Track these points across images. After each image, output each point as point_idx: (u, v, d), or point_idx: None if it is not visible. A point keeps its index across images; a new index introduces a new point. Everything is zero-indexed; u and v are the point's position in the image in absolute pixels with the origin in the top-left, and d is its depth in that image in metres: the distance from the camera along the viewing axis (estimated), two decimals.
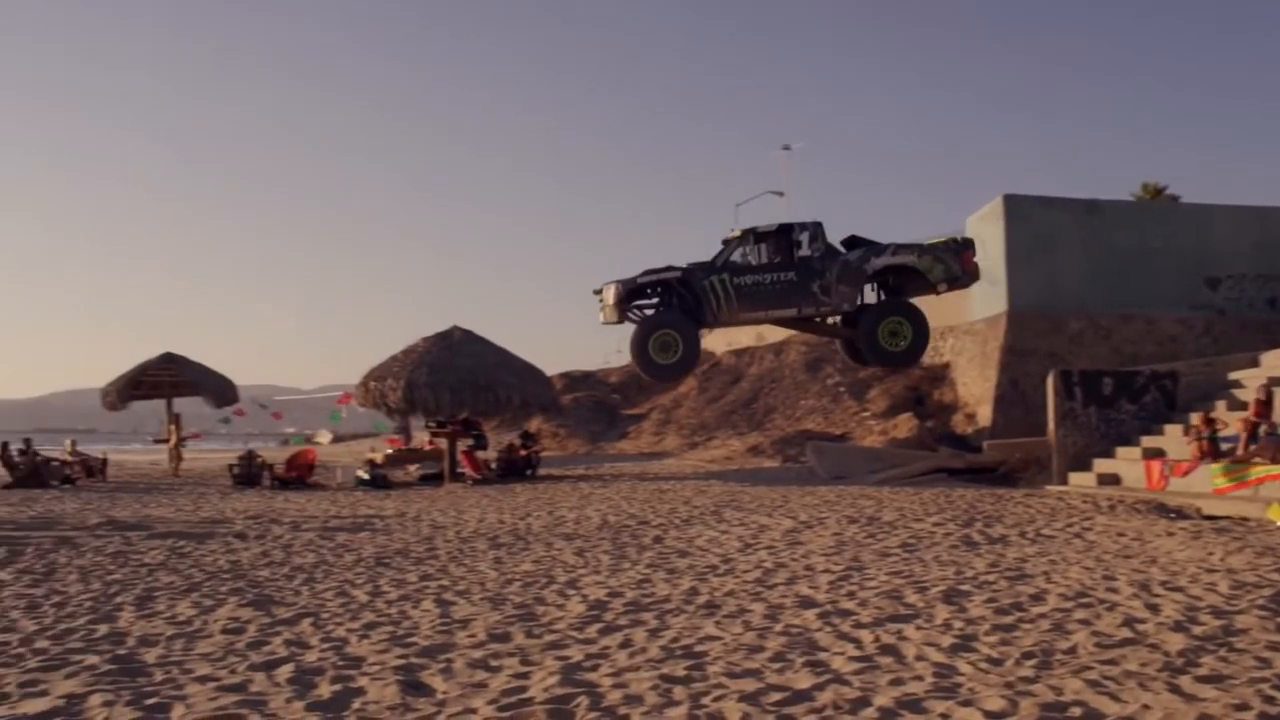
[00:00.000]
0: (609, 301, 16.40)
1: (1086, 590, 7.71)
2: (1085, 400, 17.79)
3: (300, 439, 33.13)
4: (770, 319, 16.91)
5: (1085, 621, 6.60)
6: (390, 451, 24.41)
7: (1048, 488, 17.03)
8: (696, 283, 15.76)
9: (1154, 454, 16.30)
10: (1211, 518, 12.77)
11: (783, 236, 16.29)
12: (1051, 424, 17.93)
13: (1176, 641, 6.01)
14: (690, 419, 31.37)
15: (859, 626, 6.58)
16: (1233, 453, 14.48)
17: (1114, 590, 7.68)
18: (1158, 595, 7.44)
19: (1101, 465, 17.04)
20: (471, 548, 10.77)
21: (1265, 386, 15.23)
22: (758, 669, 5.56)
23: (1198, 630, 6.28)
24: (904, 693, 5.07)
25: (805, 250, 16.09)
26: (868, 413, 25.69)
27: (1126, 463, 16.76)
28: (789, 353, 31.19)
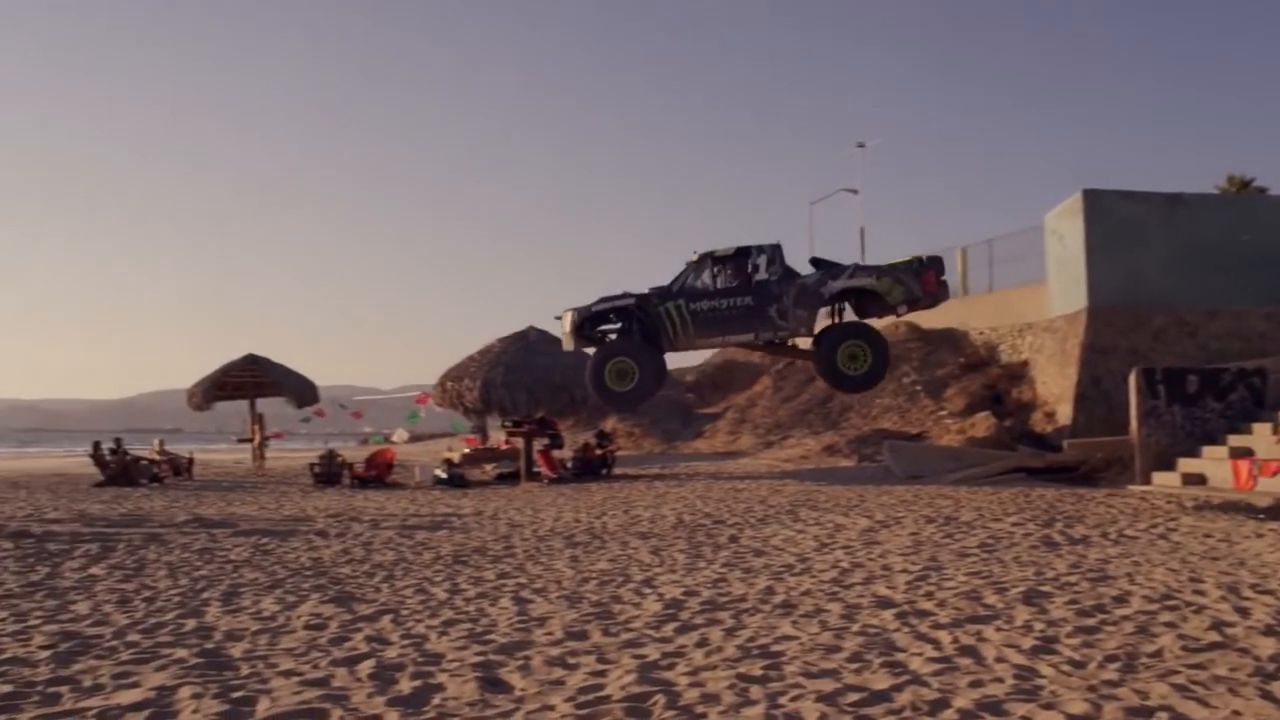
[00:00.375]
0: (566, 329, 16.21)
1: (1172, 592, 7.56)
2: (1169, 398, 17.41)
3: (379, 438, 33.51)
4: (728, 344, 16.58)
5: (1171, 624, 6.48)
6: (467, 451, 24.63)
7: (1130, 488, 16.70)
8: (652, 309, 15.49)
9: (1242, 453, 15.90)
10: None
11: (740, 260, 15.96)
12: (1134, 423, 17.57)
13: (1268, 646, 5.87)
14: (765, 418, 31.24)
15: (937, 627, 6.52)
16: None
17: (1201, 593, 7.53)
18: (1247, 598, 7.27)
19: (1186, 465, 16.66)
20: (548, 546, 10.84)
21: None
22: (835, 669, 5.54)
23: None
24: (984, 695, 5.02)
25: (763, 274, 15.73)
26: (944, 411, 25.38)
27: (1213, 462, 16.37)
28: None
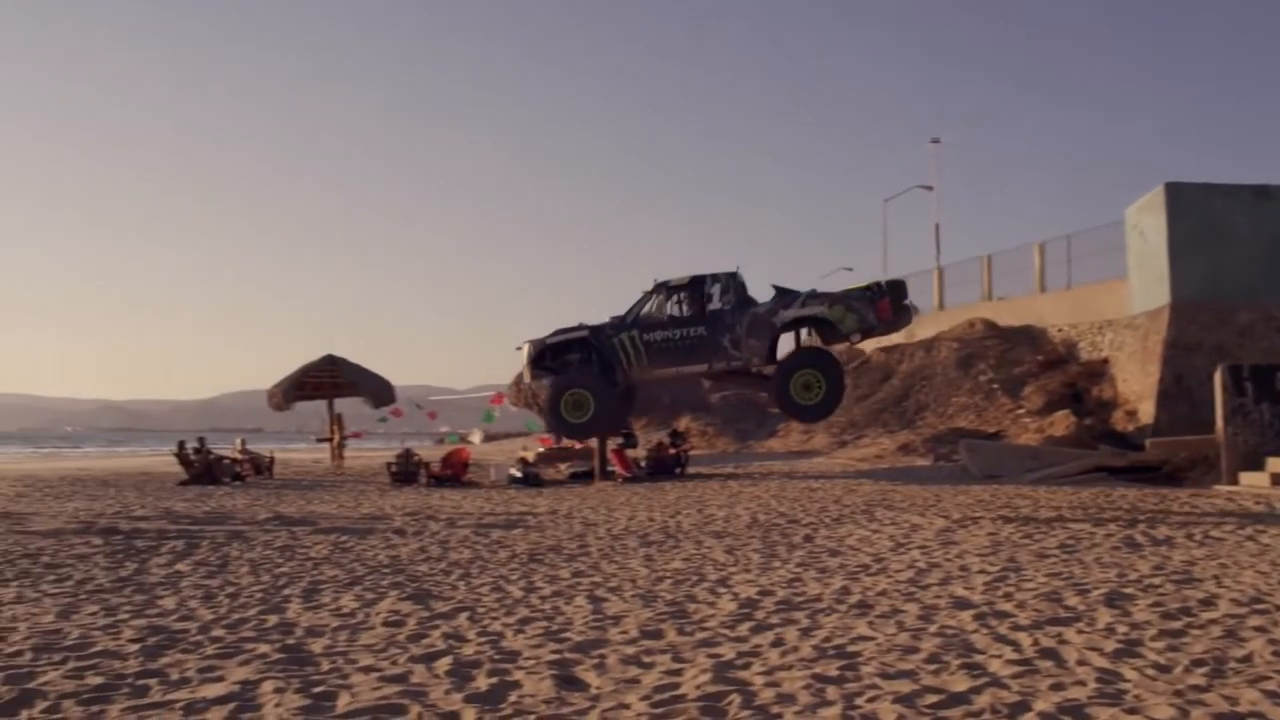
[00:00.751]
0: (525, 361, 16.09)
1: (1262, 595, 7.38)
2: (1257, 396, 16.99)
3: (455, 438, 33.91)
4: (682, 375, 16.21)
5: (1261, 629, 6.32)
6: (542, 450, 24.77)
7: (1216, 487, 16.33)
8: (605, 341, 15.33)
9: None
10: None
11: (694, 289, 15.66)
12: (1220, 421, 17.18)
13: None
14: (839, 417, 30.98)
15: (1017, 629, 6.43)
16: None
17: None
18: None
19: (1275, 464, 16.24)
20: (622, 545, 10.87)
21: None
22: (912, 670, 5.49)
23: None
24: (1065, 698, 4.94)
25: (716, 303, 15.43)
26: (1022, 410, 25.02)
27: None
28: (940, 349, 30.59)
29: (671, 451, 23.18)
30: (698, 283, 15.56)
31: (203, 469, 22.58)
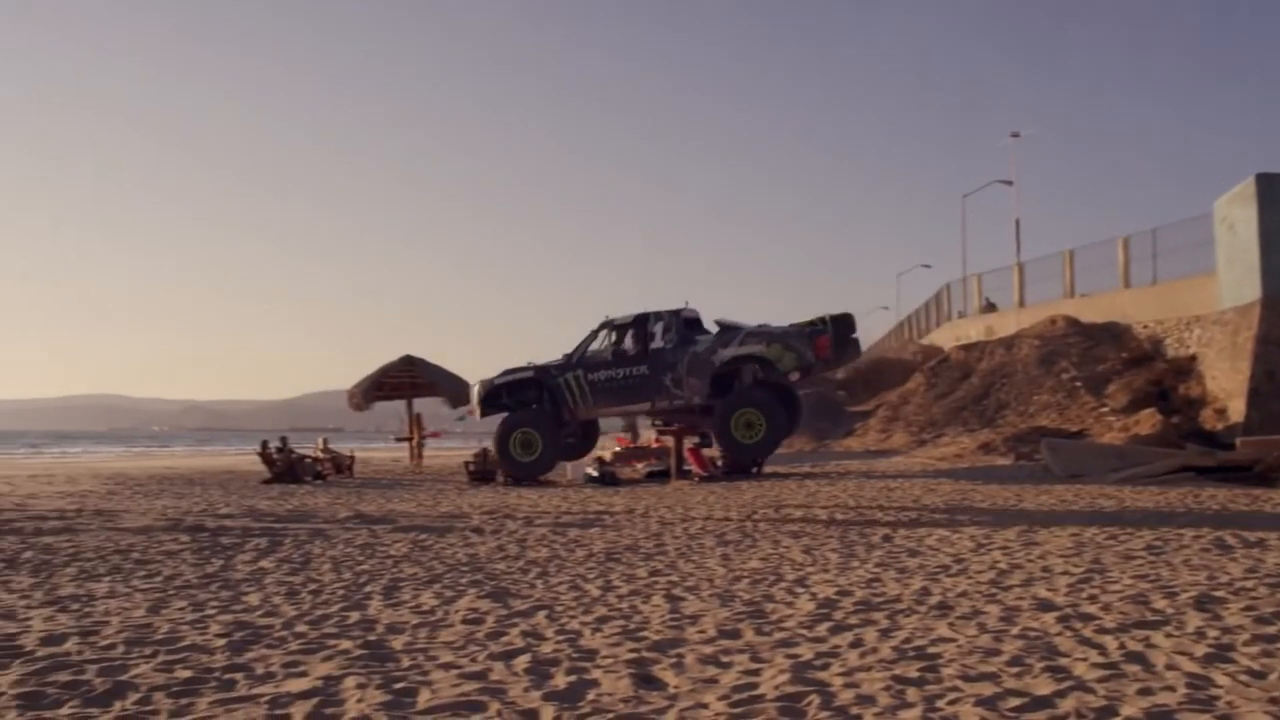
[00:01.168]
0: (474, 400, 16.13)
1: None
2: None
3: None
4: (627, 413, 16.16)
5: None
6: (618, 449, 24.82)
7: None
8: (550, 381, 15.40)
9: None
10: None
11: (638, 328, 15.57)
12: None
13: None
14: (918, 416, 30.72)
15: (1102, 632, 6.30)
16: None
17: None
18: None
19: None
20: (699, 544, 10.86)
21: None
22: (994, 673, 5.40)
23: None
24: (1154, 703, 4.83)
25: (659, 341, 15.32)
26: (1106, 408, 24.55)
27: None
28: (1021, 347, 30.14)
29: None
30: (641, 321, 15.65)
31: (285, 468, 22.96)
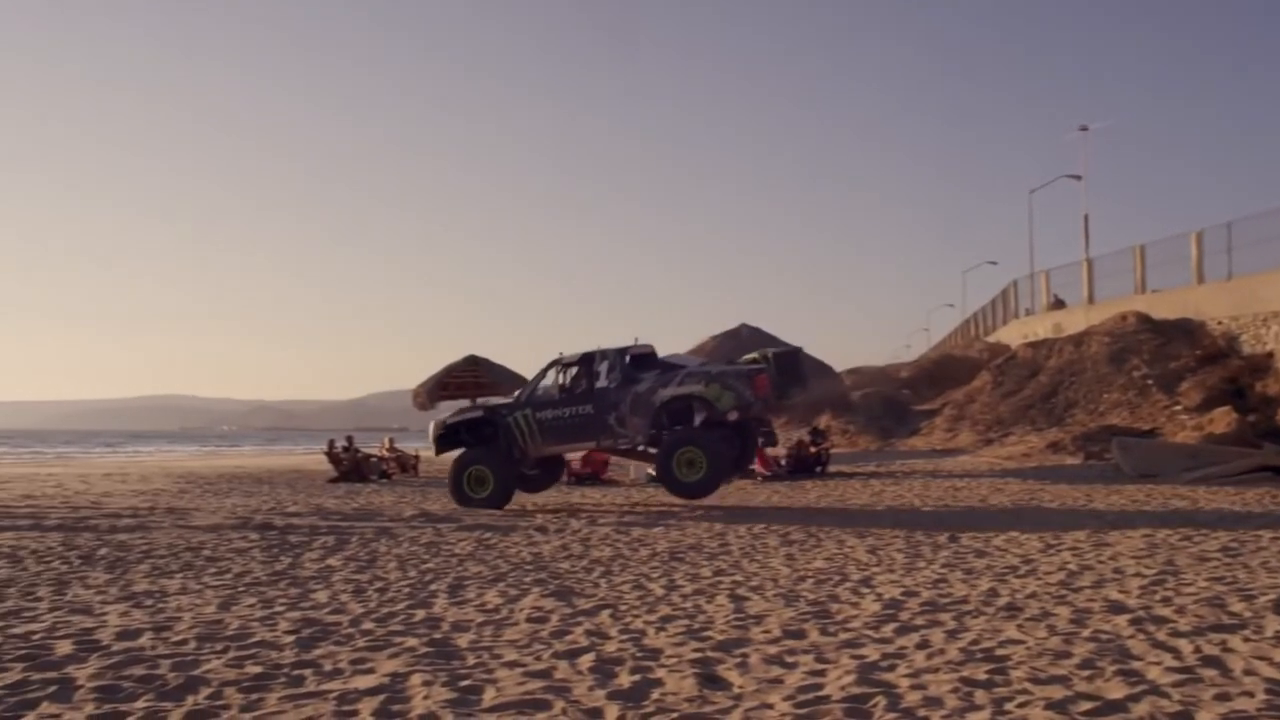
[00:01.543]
0: (430, 438, 16.65)
1: None
2: None
3: None
4: (575, 450, 16.23)
5: None
6: None
7: None
8: (500, 421, 15.73)
9: None
10: None
11: (585, 366, 15.83)
12: None
13: None
14: (985, 414, 30.35)
15: (1176, 635, 6.17)
16: None
17: None
18: None
19: None
20: (763, 544, 10.81)
21: None
22: (1065, 675, 5.31)
23: None
24: (1231, 709, 4.71)
25: (603, 380, 15.52)
26: (1179, 406, 24.08)
27: None
28: (1090, 344, 29.66)
29: (812, 450, 22.99)
30: (587, 360, 15.93)
31: (351, 467, 23.22)
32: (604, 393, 15.25)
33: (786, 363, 15.94)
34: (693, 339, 27.93)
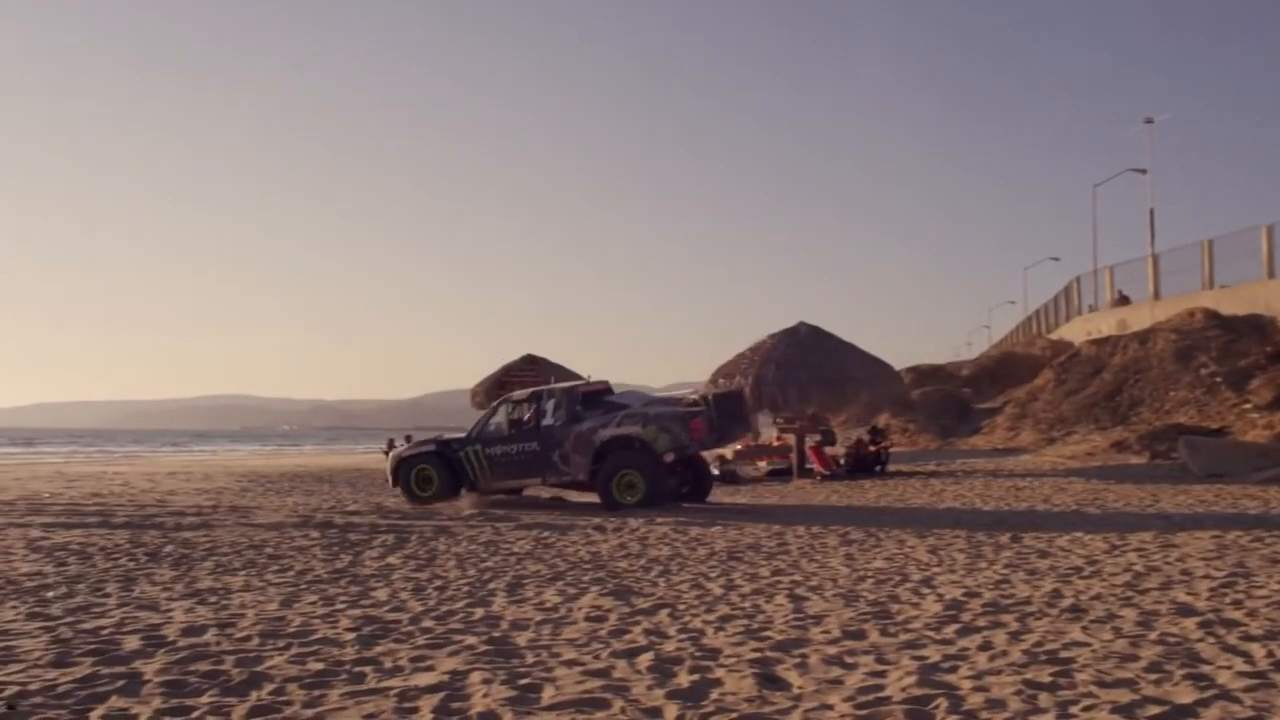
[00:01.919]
0: (388, 470, 17.28)
1: None
2: None
3: None
4: (523, 486, 16.47)
5: None
6: (739, 447, 24.75)
7: None
8: (452, 455, 16.32)
9: None
10: None
11: (533, 404, 16.34)
12: None
13: None
14: (1047, 413, 29.94)
15: (1248, 639, 6.03)
16: None
17: None
18: None
19: None
20: (822, 543, 10.74)
21: None
22: (1131, 679, 5.21)
23: None
24: None
25: (549, 419, 15.95)
26: (1249, 404, 23.57)
27: None
28: (1156, 341, 29.14)
29: (871, 449, 22.83)
30: (535, 398, 16.51)
31: None
32: (550, 430, 15.87)
33: (726, 405, 16.47)
34: (751, 337, 27.74)
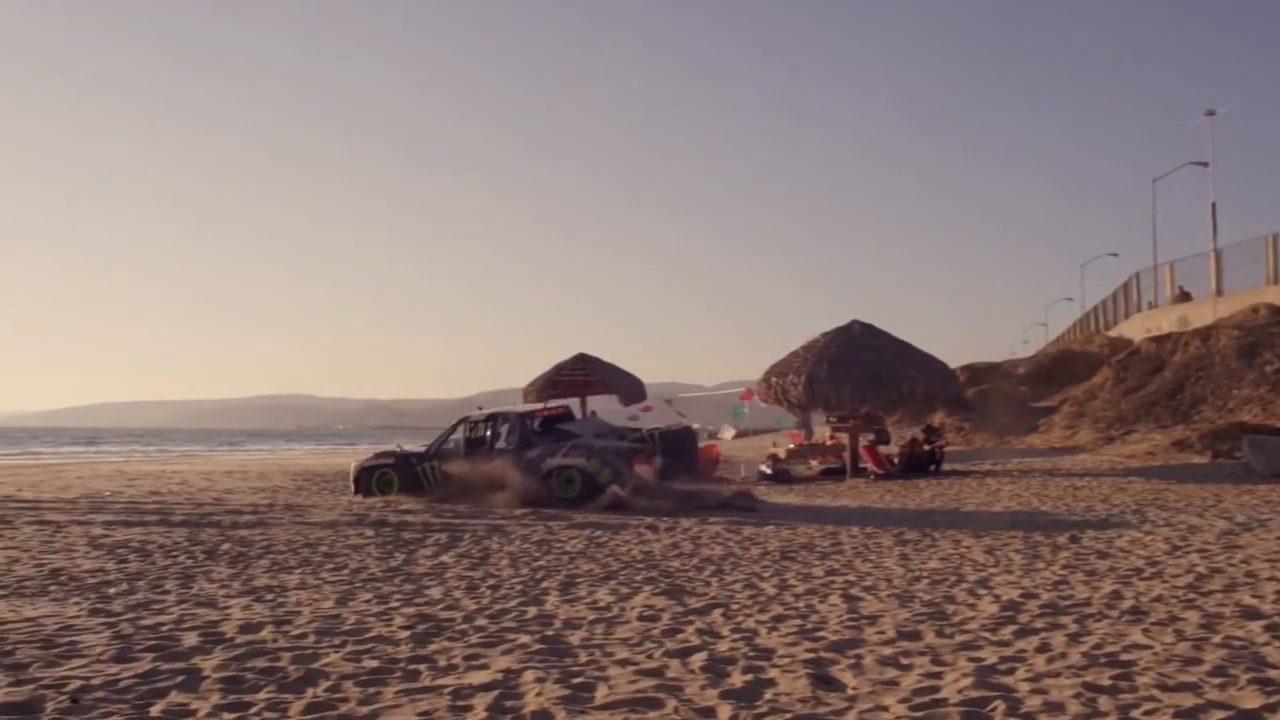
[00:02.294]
0: (351, 479, 17.84)
1: None
2: None
3: (704, 435, 34.16)
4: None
5: None
6: (792, 446, 24.63)
7: None
8: (410, 468, 16.96)
9: None
10: None
11: (489, 426, 17.04)
12: None
13: None
14: (1106, 411, 29.50)
15: None
16: None
17: None
18: None
19: None
20: (876, 543, 10.66)
21: None
22: (1195, 683, 5.11)
23: None
24: None
25: (503, 443, 16.62)
26: None
27: None
28: (1219, 338, 28.61)
29: (926, 448, 22.63)
30: (491, 420, 17.23)
31: None
32: (502, 454, 16.38)
33: (672, 441, 16.69)
34: (805, 334, 27.56)
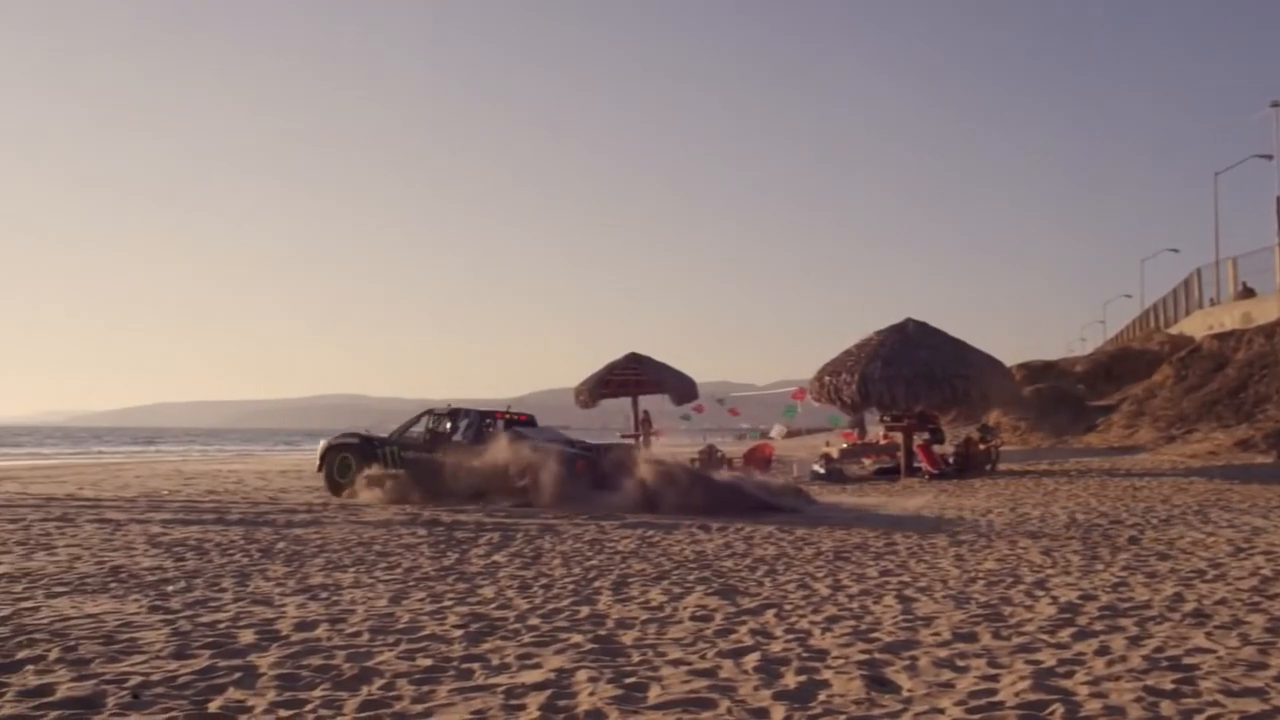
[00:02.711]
0: (318, 455, 18.36)
1: None
2: None
3: (756, 434, 34.06)
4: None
5: None
6: (845, 446, 24.50)
7: None
8: (372, 449, 17.55)
9: None
10: None
11: (450, 419, 17.53)
12: None
13: None
14: (1166, 410, 29.06)
15: None
16: None
17: None
18: None
19: None
20: (931, 544, 10.56)
21: None
22: (1261, 688, 5.00)
23: None
24: None
25: (459, 437, 17.09)
26: None
27: None
28: None
29: (981, 447, 22.42)
30: (451, 415, 17.77)
31: None
32: (457, 447, 16.86)
33: (616, 460, 16.89)
34: (858, 333, 27.40)
